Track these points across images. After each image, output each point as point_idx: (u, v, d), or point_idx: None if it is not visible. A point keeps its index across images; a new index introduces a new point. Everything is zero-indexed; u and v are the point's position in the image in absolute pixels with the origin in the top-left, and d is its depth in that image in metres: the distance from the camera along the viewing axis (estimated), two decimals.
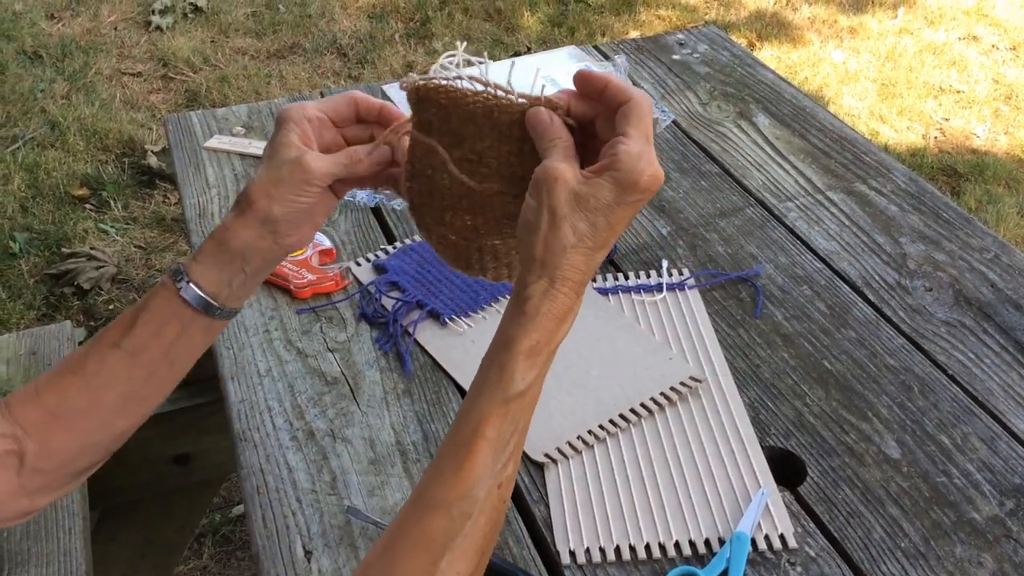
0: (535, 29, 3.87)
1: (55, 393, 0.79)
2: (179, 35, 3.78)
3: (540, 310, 0.65)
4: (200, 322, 0.79)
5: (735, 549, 0.89)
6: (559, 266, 0.65)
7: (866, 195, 1.37)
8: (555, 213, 0.65)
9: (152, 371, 0.80)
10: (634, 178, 0.64)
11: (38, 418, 0.78)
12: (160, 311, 0.79)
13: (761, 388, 1.07)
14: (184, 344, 0.80)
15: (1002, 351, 1.12)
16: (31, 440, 0.77)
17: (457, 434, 0.66)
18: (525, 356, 0.65)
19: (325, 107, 0.79)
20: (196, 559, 2.03)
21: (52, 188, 2.94)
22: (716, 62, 1.70)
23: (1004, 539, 0.91)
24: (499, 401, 0.65)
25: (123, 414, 0.81)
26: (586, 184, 0.65)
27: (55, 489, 0.81)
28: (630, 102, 0.66)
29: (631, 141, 0.65)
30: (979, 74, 3.60)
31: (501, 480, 0.66)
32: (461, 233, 0.75)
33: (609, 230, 0.65)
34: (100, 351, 0.79)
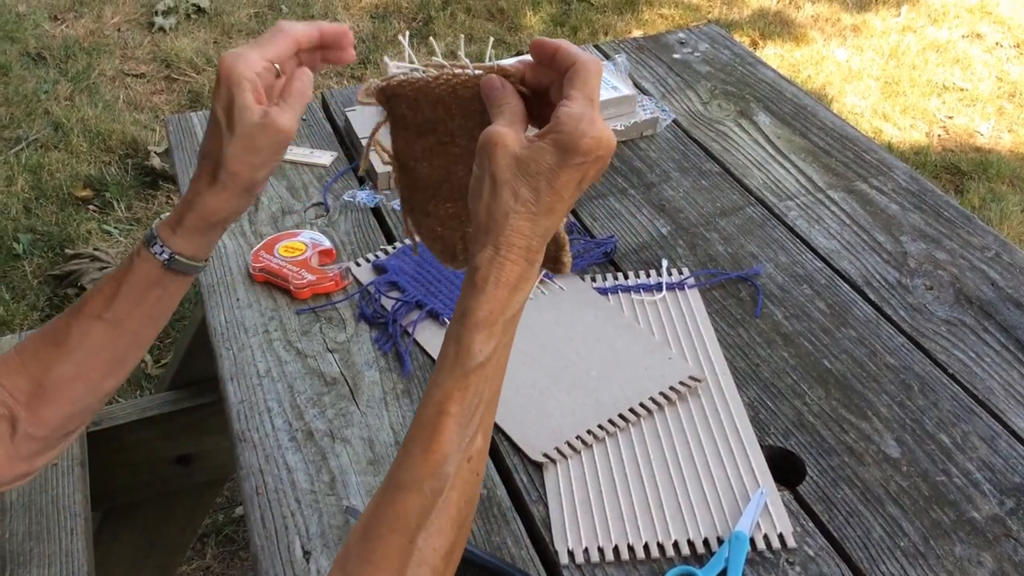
0: (538, 28, 3.86)
1: (41, 365, 0.81)
2: (182, 36, 3.79)
3: (488, 279, 0.64)
4: (181, 281, 0.83)
5: (734, 549, 0.89)
6: (502, 232, 0.64)
7: (867, 194, 1.37)
8: (495, 179, 0.64)
9: (136, 334, 0.83)
10: (575, 140, 0.63)
11: (27, 388, 0.80)
12: (142, 281, 0.82)
13: (760, 387, 1.07)
14: (165, 303, 0.84)
15: (1003, 350, 1.11)
16: (22, 408, 0.80)
17: (422, 413, 0.65)
18: (479, 327, 0.64)
19: (268, 55, 0.77)
20: (199, 559, 2.03)
21: (55, 189, 2.95)
22: (717, 61, 1.70)
23: (1004, 538, 0.91)
24: (458, 375, 0.64)
25: (110, 377, 0.84)
26: (527, 148, 0.64)
27: (49, 450, 0.84)
28: (575, 64, 0.65)
29: (573, 103, 0.64)
30: (983, 72, 3.59)
31: (471, 454, 0.65)
32: (445, 223, 0.75)
33: (553, 194, 0.64)
34: (82, 324, 0.81)
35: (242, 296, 1.20)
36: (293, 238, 1.25)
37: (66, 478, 1.43)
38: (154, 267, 0.81)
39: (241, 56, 0.76)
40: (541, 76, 0.68)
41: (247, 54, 0.76)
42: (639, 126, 1.48)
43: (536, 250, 0.65)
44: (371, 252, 1.27)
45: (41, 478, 1.42)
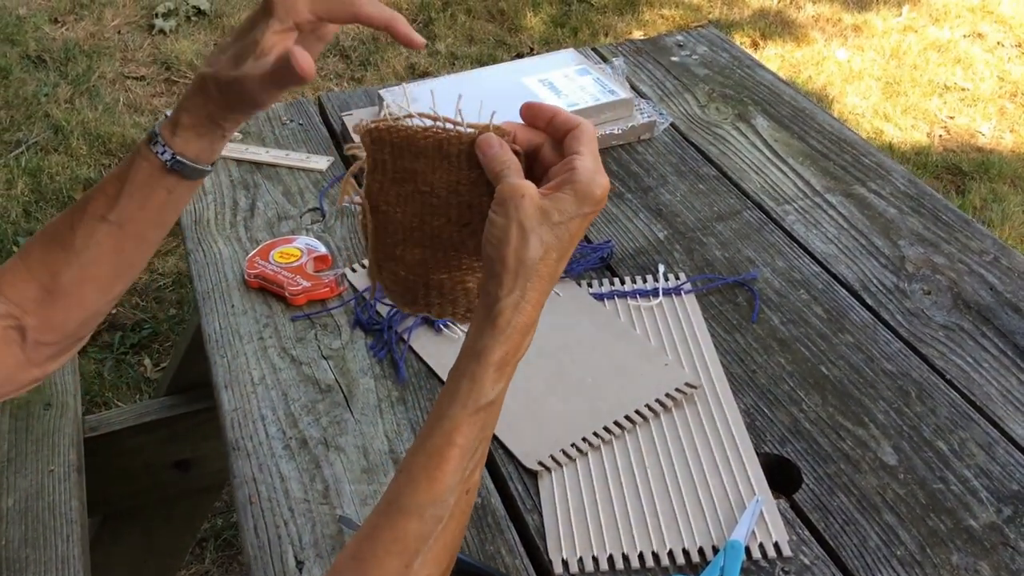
0: (538, 30, 3.86)
1: (47, 271, 0.80)
2: (182, 38, 3.79)
3: (511, 323, 0.68)
4: (186, 184, 0.81)
5: (729, 558, 0.88)
6: (530, 276, 0.68)
7: (865, 197, 1.36)
8: (523, 226, 0.67)
9: (142, 237, 0.82)
10: (591, 189, 0.68)
11: (35, 295, 0.79)
12: (145, 184, 0.80)
13: (757, 394, 1.06)
14: (170, 206, 0.82)
15: (1001, 355, 1.11)
16: (30, 316, 0.79)
17: (428, 441, 0.68)
18: (496, 368, 0.68)
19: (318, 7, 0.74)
20: (198, 564, 2.03)
21: (56, 192, 2.95)
22: (715, 64, 1.70)
23: (1001, 547, 0.90)
24: (470, 410, 0.67)
25: (118, 280, 0.83)
26: (548, 199, 0.68)
27: (62, 355, 0.83)
28: (579, 127, 0.71)
29: (585, 158, 0.69)
30: (984, 72, 3.58)
31: (469, 486, 0.69)
32: (411, 268, 0.77)
33: (569, 241, 0.69)
34: (87, 225, 0.80)
35: (237, 303, 1.19)
36: (288, 244, 1.25)
37: (63, 484, 1.42)
38: (156, 167, 0.79)
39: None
40: (532, 137, 0.72)
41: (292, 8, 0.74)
42: (636, 130, 1.48)
43: (546, 295, 0.70)
44: (367, 258, 1.26)
45: (37, 484, 1.42)
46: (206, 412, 1.67)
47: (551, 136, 0.72)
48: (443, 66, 3.62)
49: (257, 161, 1.45)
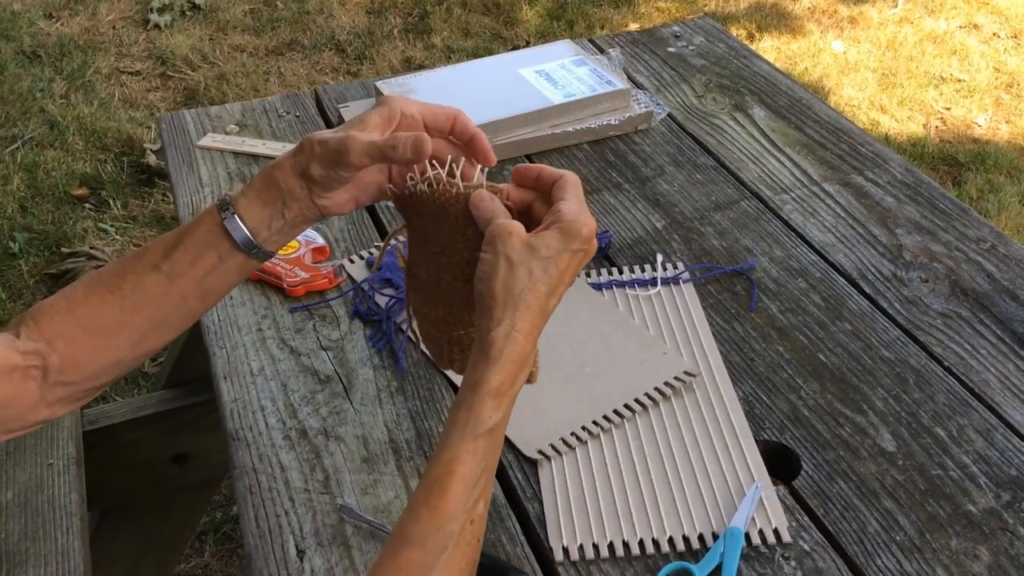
0: (534, 23, 3.86)
1: (89, 309, 0.81)
2: (177, 33, 3.78)
3: (504, 353, 0.70)
4: (236, 258, 0.82)
5: (729, 544, 0.88)
6: (518, 306, 0.71)
7: (862, 186, 1.36)
8: (510, 259, 0.71)
9: (184, 298, 0.82)
10: (576, 227, 0.73)
11: (67, 332, 0.80)
12: (202, 240, 0.81)
13: (756, 382, 1.07)
14: (217, 276, 0.82)
15: (999, 342, 1.11)
16: (56, 355, 0.80)
17: (430, 472, 0.70)
18: (492, 397, 0.71)
19: (426, 111, 0.82)
20: (198, 557, 2.03)
21: (51, 188, 2.95)
22: (711, 54, 1.70)
23: (1000, 531, 0.91)
24: (469, 439, 0.70)
25: (150, 337, 0.83)
26: (536, 236, 0.73)
27: (74, 401, 0.84)
28: (563, 178, 0.76)
29: (570, 202, 0.74)
30: (980, 63, 3.58)
31: (473, 516, 0.70)
32: (435, 324, 0.83)
33: (558, 276, 0.72)
34: (139, 271, 0.81)
35: (235, 294, 1.19)
36: None
37: (62, 478, 1.42)
38: (215, 227, 0.81)
39: (403, 97, 0.83)
40: (523, 195, 0.78)
41: (410, 100, 0.82)
42: (633, 120, 1.48)
43: (540, 330, 0.73)
44: (365, 249, 1.26)
45: (37, 478, 1.42)
46: (205, 405, 1.66)
47: (539, 191, 0.77)
48: (439, 59, 3.62)
49: (254, 153, 1.45)
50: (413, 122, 0.81)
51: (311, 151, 0.79)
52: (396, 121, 0.80)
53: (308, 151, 0.79)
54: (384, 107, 0.80)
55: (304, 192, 0.80)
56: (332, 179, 0.79)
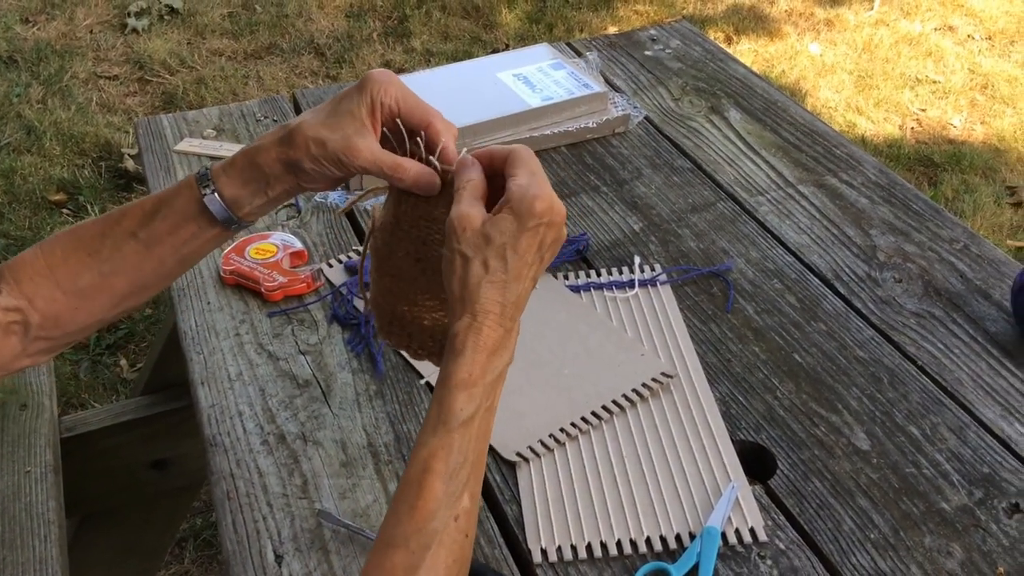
0: (513, 26, 3.86)
1: (68, 272, 0.81)
2: (155, 37, 3.76)
3: (467, 344, 0.70)
4: (215, 229, 0.82)
5: (705, 543, 0.89)
6: (476, 299, 0.71)
7: (836, 188, 1.38)
8: (464, 254, 0.71)
9: (161, 263, 0.83)
10: (527, 204, 0.70)
11: (47, 294, 0.81)
12: (180, 211, 0.81)
13: (732, 382, 1.07)
14: (195, 245, 0.83)
15: (971, 341, 1.12)
16: (36, 313, 0.80)
17: (408, 472, 0.70)
18: (460, 388, 0.70)
19: (403, 103, 0.79)
20: (178, 564, 2.02)
21: (28, 193, 2.92)
22: (688, 57, 1.71)
23: (973, 528, 0.92)
24: (442, 433, 0.69)
25: (129, 298, 0.84)
26: (489, 222, 0.71)
27: (55, 350, 0.85)
28: (512, 153, 0.74)
29: (518, 177, 0.72)
30: (955, 64, 3.62)
31: (457, 512, 0.69)
32: (383, 294, 0.82)
33: (519, 260, 0.71)
34: (116, 237, 0.81)
35: (212, 299, 1.19)
36: (264, 240, 1.25)
37: (39, 485, 1.42)
38: (194, 200, 0.81)
39: (387, 77, 0.79)
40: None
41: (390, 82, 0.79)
42: (611, 123, 1.49)
43: (510, 317, 0.72)
44: (343, 253, 1.26)
45: (14, 486, 1.41)
46: (183, 411, 1.66)
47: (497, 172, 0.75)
48: (418, 63, 3.62)
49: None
50: (389, 112, 0.80)
51: (305, 147, 0.77)
52: (377, 114, 0.79)
53: (301, 146, 0.78)
54: (365, 94, 0.78)
55: (290, 177, 0.80)
56: (324, 176, 0.79)
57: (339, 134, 0.77)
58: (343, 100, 0.79)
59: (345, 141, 0.77)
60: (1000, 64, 3.62)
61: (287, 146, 0.78)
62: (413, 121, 0.80)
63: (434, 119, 0.80)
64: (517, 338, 0.74)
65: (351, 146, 0.77)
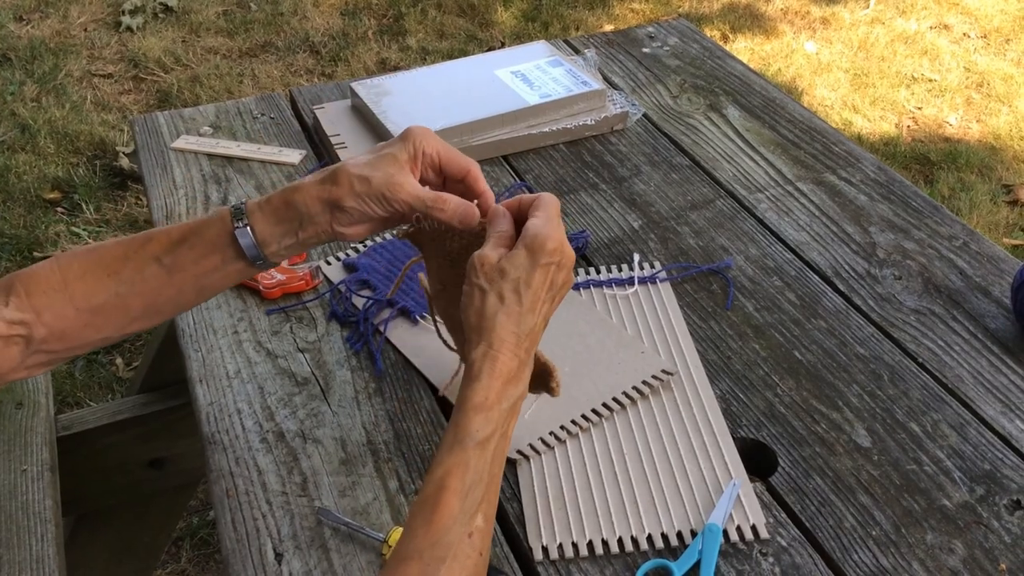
0: (509, 24, 3.86)
1: (84, 288, 0.81)
2: (150, 35, 3.75)
3: (483, 370, 0.75)
4: (239, 264, 0.83)
5: (707, 541, 0.89)
6: (492, 329, 0.76)
7: (835, 185, 1.38)
8: (482, 288, 0.77)
9: (180, 291, 0.83)
10: (540, 242, 0.77)
11: (59, 308, 0.80)
12: (210, 241, 0.82)
13: (732, 380, 1.07)
14: (217, 278, 0.84)
15: (971, 338, 1.12)
16: (43, 327, 0.80)
17: (424, 490, 0.71)
18: (476, 411, 0.73)
19: (443, 153, 0.84)
20: (174, 563, 2.02)
21: (23, 192, 2.91)
22: (686, 55, 1.71)
23: (975, 525, 0.92)
24: (458, 452, 0.72)
25: (139, 321, 0.84)
26: (505, 258, 0.78)
27: (53, 364, 0.85)
28: (539, 198, 0.82)
29: (537, 218, 0.79)
30: (951, 62, 3.62)
31: (471, 529, 0.70)
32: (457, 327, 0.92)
33: (532, 294, 0.77)
34: (140, 260, 0.82)
35: None
36: None
37: (36, 484, 1.41)
38: (225, 232, 0.81)
39: (426, 130, 0.84)
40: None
41: (430, 136, 0.84)
42: (609, 120, 1.48)
43: (525, 349, 0.77)
44: (342, 251, 1.26)
45: (10, 484, 1.41)
46: (180, 409, 1.65)
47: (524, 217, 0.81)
48: (414, 61, 3.61)
49: (228, 155, 1.44)
50: (431, 163, 0.84)
51: (348, 185, 0.80)
52: (419, 162, 0.83)
53: (344, 184, 0.80)
54: (408, 143, 0.83)
55: (325, 218, 0.81)
56: (364, 214, 0.81)
57: (382, 172, 0.81)
58: (385, 147, 0.83)
59: (388, 178, 0.80)
60: (995, 62, 3.62)
61: (330, 183, 0.81)
62: (452, 168, 0.85)
63: (472, 166, 0.85)
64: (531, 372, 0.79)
65: (394, 182, 0.80)
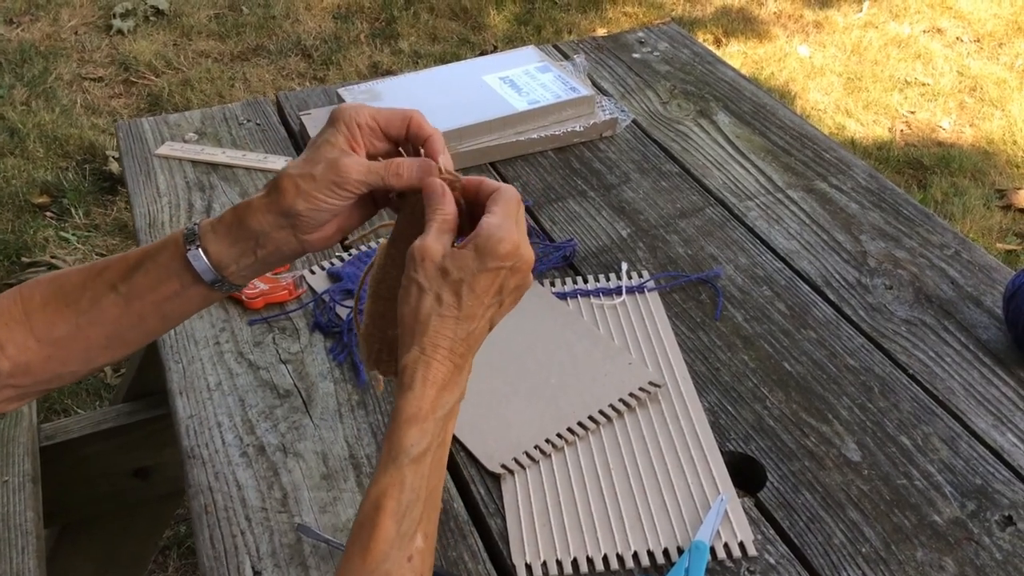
0: (501, 28, 3.84)
1: (45, 319, 0.78)
2: (140, 38, 3.73)
3: (416, 378, 0.69)
4: (199, 288, 0.79)
5: (694, 559, 0.87)
6: (426, 332, 0.69)
7: (826, 193, 1.36)
8: (421, 286, 0.70)
9: (142, 319, 0.80)
10: (492, 244, 0.70)
11: (20, 341, 0.78)
12: (164, 266, 0.78)
13: (721, 392, 1.06)
14: (179, 304, 0.80)
15: (963, 349, 1.11)
16: (7, 360, 0.78)
17: (360, 512, 0.68)
18: (410, 423, 0.68)
19: (379, 116, 0.78)
20: (161, 572, 2.00)
21: (11, 196, 2.89)
22: (676, 60, 1.69)
23: (965, 542, 0.90)
24: (392, 471, 0.67)
25: (105, 352, 0.81)
26: (451, 257, 0.70)
27: (26, 398, 0.82)
28: (498, 191, 0.74)
29: (493, 216, 0.71)
30: (944, 67, 3.62)
31: (411, 552, 0.67)
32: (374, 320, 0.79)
33: (474, 299, 0.70)
34: (97, 289, 0.79)
35: None
36: None
37: (17, 495, 1.39)
38: (178, 256, 0.78)
39: (353, 105, 0.78)
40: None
41: (360, 106, 0.78)
42: (598, 127, 1.47)
43: (460, 354, 0.71)
44: (326, 260, 1.24)
45: None
46: (165, 419, 1.63)
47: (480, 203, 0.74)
48: (406, 64, 3.59)
49: (213, 162, 1.42)
50: (372, 132, 0.78)
51: (293, 189, 0.75)
52: (357, 136, 0.77)
53: (290, 190, 0.75)
54: (339, 123, 0.77)
55: (284, 232, 0.77)
56: (322, 211, 0.76)
57: (323, 163, 0.75)
58: (318, 137, 0.78)
59: (331, 164, 0.75)
60: (988, 66, 3.62)
61: (276, 194, 0.76)
62: (394, 127, 0.78)
63: (412, 113, 0.78)
64: (469, 375, 0.73)
65: (339, 165, 0.75)
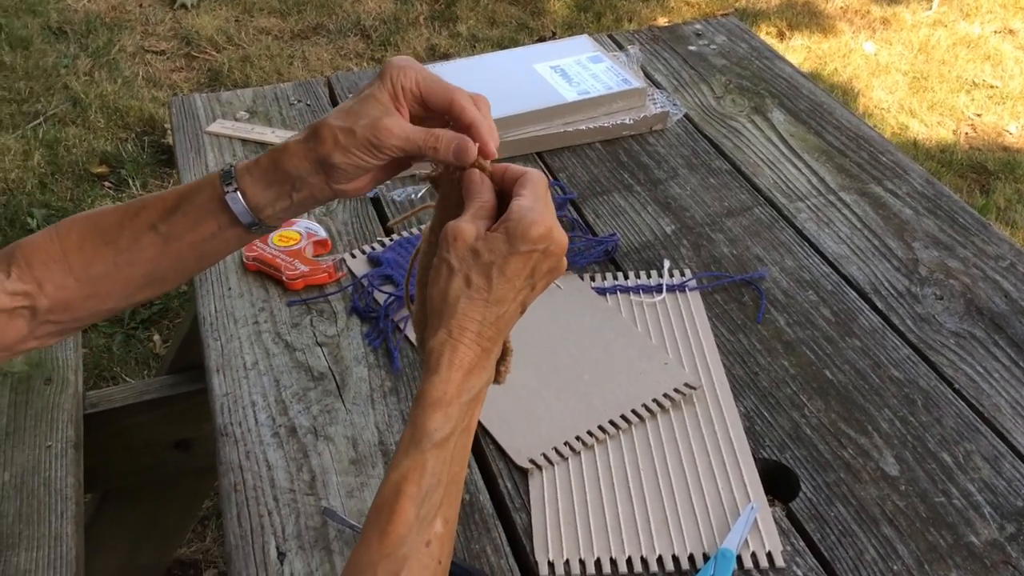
0: (561, 13, 3.81)
1: (83, 259, 0.79)
2: (203, 14, 3.77)
3: (442, 361, 0.68)
4: (237, 230, 0.79)
5: (719, 566, 0.86)
6: (454, 315, 0.68)
7: (880, 197, 1.33)
8: (451, 266, 0.69)
9: (179, 259, 0.80)
10: (524, 228, 0.69)
11: (59, 280, 0.79)
12: (202, 207, 0.79)
13: (758, 397, 1.04)
14: (215, 244, 0.81)
15: (1012, 365, 1.07)
16: (46, 298, 0.79)
17: (379, 495, 0.67)
18: (435, 407, 0.67)
19: (423, 84, 0.76)
20: (199, 541, 2.03)
21: (71, 165, 2.95)
22: (733, 54, 1.66)
23: (1002, 565, 0.87)
24: (415, 455, 0.67)
25: (143, 290, 0.82)
26: (483, 239, 0.69)
27: (64, 334, 0.83)
28: (526, 175, 0.73)
29: (523, 199, 0.71)
30: (1014, 69, 3.51)
31: (429, 537, 0.66)
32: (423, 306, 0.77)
33: (505, 283, 0.69)
34: (136, 228, 0.79)
35: (234, 285, 1.18)
36: (288, 227, 1.23)
37: (59, 461, 1.42)
38: (215, 197, 0.78)
39: (408, 61, 0.77)
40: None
41: (409, 67, 0.76)
42: (648, 120, 1.45)
43: (489, 338, 0.70)
44: (367, 243, 1.24)
45: (34, 460, 1.42)
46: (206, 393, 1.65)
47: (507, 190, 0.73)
48: (464, 48, 3.59)
49: (263, 141, 1.43)
50: (413, 95, 0.77)
51: (332, 140, 0.75)
52: (400, 97, 0.76)
53: (328, 140, 0.75)
54: (386, 79, 0.76)
55: (319, 178, 0.77)
56: (358, 167, 0.76)
57: (366, 119, 0.74)
58: (364, 90, 0.77)
59: (373, 123, 0.74)
60: None
61: (314, 142, 0.75)
62: (435, 100, 0.77)
63: (456, 95, 0.76)
64: (497, 359, 0.72)
65: (380, 126, 0.74)
